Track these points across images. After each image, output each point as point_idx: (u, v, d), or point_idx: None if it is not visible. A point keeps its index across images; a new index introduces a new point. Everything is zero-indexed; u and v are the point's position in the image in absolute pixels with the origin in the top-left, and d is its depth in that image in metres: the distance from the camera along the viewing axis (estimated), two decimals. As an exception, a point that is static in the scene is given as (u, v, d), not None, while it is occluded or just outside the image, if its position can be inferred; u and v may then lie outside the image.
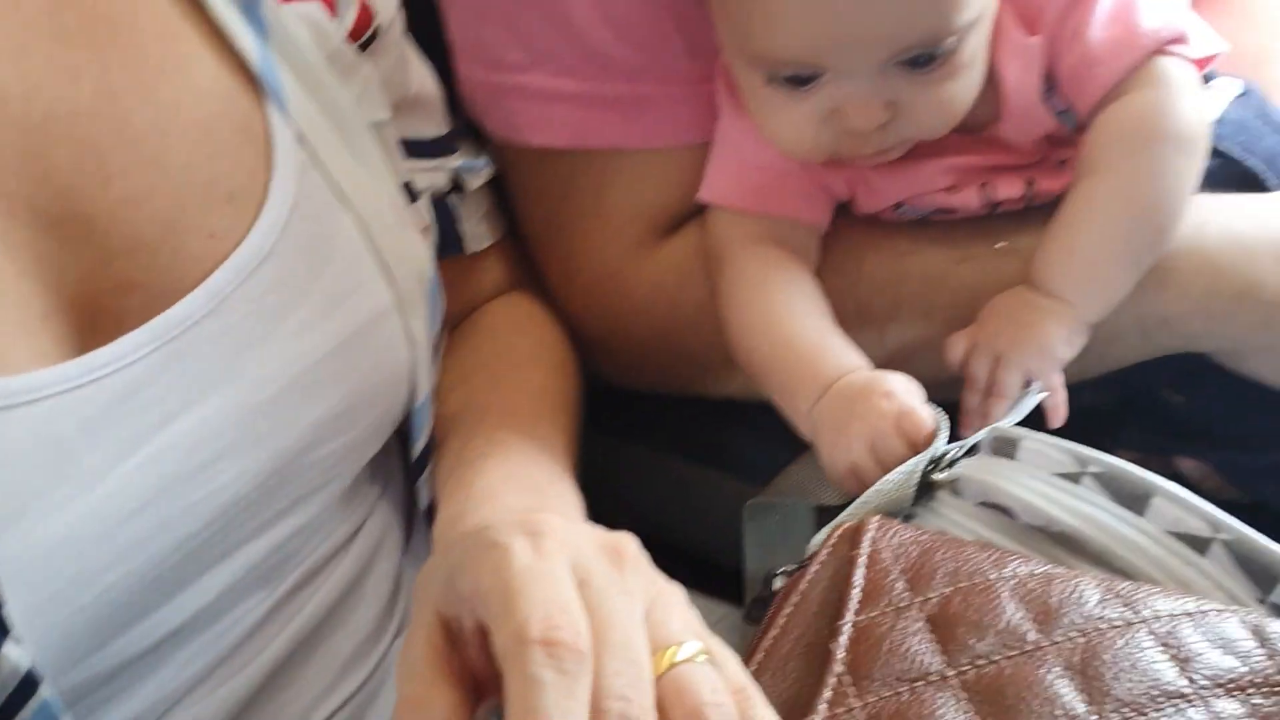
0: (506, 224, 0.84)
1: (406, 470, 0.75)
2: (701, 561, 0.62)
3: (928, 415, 0.62)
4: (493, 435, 0.71)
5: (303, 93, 0.64)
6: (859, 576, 0.55)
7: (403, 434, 0.72)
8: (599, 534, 0.51)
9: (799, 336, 0.68)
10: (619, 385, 0.83)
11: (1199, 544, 0.57)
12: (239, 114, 0.61)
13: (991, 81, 0.68)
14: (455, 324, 0.79)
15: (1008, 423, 0.63)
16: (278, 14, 0.64)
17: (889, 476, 0.59)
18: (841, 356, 0.67)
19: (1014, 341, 0.66)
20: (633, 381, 0.83)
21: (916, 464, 0.59)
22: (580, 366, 0.82)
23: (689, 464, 0.91)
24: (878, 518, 0.58)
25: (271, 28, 0.63)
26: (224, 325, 0.58)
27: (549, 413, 0.76)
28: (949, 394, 0.68)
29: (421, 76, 0.78)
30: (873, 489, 0.60)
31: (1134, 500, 0.58)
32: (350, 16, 0.70)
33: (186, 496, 0.57)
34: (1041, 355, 0.65)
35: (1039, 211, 0.70)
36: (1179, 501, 0.57)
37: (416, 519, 0.75)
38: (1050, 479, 0.60)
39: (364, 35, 0.70)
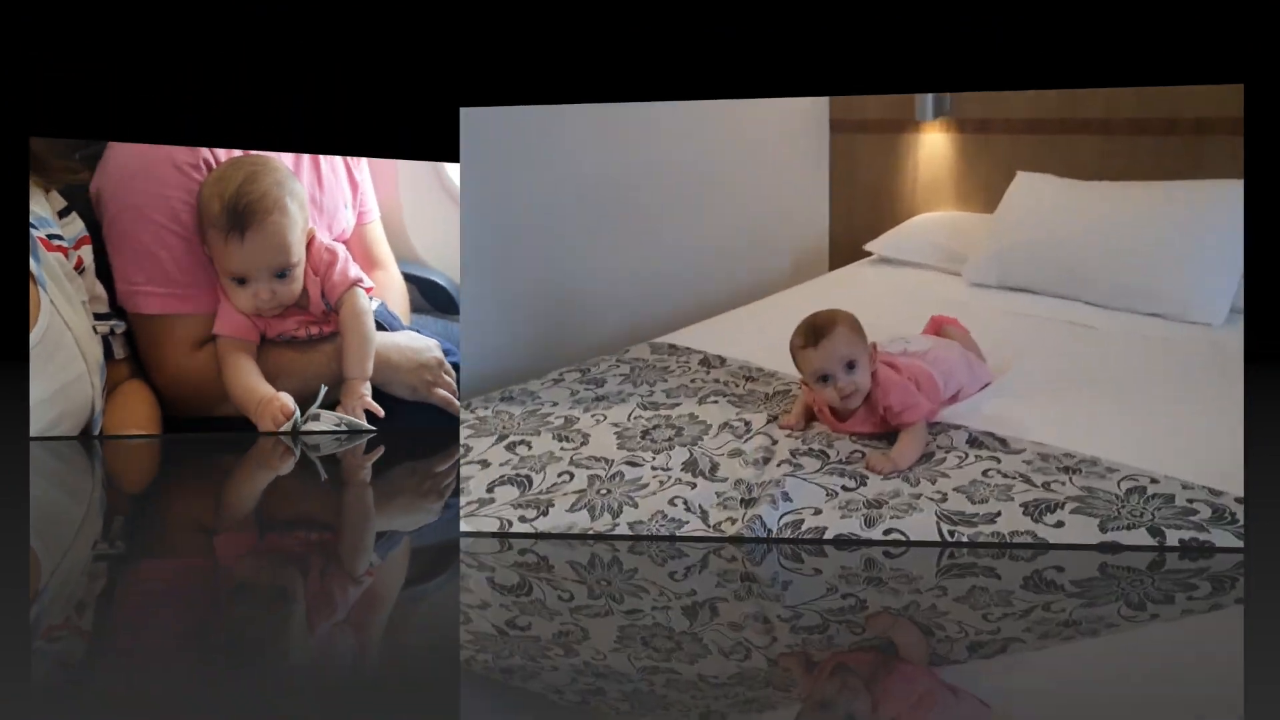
0: (132, 350, 2.07)
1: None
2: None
3: (291, 403, 2.08)
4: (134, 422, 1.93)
5: (53, 285, 1.89)
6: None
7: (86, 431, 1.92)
8: None
9: (250, 384, 2.17)
10: (182, 415, 2.06)
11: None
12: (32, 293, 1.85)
13: (308, 291, 2.01)
14: (111, 390, 2.00)
15: (314, 407, 1.92)
16: (45, 255, 1.88)
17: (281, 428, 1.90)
18: (265, 389, 2.08)
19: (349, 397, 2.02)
20: (187, 412, 2.07)
21: (290, 422, 1.92)
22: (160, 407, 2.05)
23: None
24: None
25: (42, 259, 1.88)
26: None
27: (155, 413, 1.98)
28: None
29: (100, 288, 2.02)
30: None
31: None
32: (74, 260, 1.94)
33: None
34: (361, 399, 2.05)
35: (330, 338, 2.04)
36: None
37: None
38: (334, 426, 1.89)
39: (80, 268, 1.95)
